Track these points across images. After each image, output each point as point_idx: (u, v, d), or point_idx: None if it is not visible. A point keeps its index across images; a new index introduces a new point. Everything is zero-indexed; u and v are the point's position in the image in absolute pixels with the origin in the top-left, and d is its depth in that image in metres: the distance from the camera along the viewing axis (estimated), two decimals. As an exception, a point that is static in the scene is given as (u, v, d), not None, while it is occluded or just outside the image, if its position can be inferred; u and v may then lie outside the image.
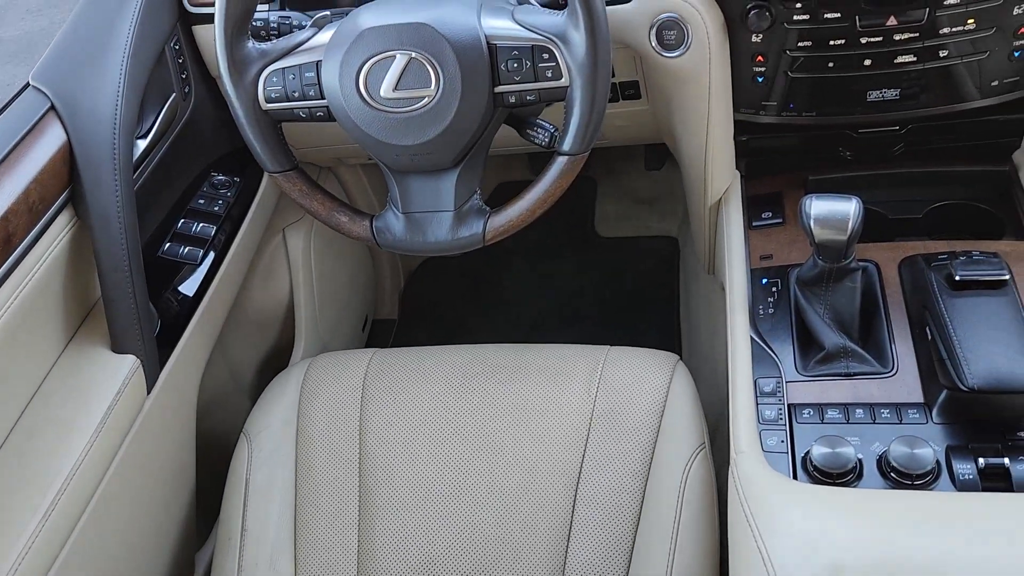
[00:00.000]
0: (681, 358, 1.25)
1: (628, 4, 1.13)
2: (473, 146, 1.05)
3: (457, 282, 2.16)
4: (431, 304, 2.15)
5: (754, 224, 1.27)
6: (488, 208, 1.10)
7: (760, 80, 1.18)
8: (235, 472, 1.23)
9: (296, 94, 1.06)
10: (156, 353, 1.19)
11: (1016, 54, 1.09)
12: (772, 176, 1.33)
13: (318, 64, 1.04)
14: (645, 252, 2.07)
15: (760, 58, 1.16)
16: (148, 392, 1.17)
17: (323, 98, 1.05)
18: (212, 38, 1.05)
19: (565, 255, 2.14)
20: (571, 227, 2.19)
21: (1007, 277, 0.98)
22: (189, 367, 1.30)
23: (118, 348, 1.14)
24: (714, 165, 1.28)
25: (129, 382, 1.12)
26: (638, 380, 1.16)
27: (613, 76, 1.29)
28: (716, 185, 1.31)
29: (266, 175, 1.25)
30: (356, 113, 1.02)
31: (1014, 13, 1.05)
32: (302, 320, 1.67)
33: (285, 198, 1.18)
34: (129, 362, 1.13)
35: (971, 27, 1.06)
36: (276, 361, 1.67)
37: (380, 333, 2.08)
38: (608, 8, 1.12)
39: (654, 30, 1.13)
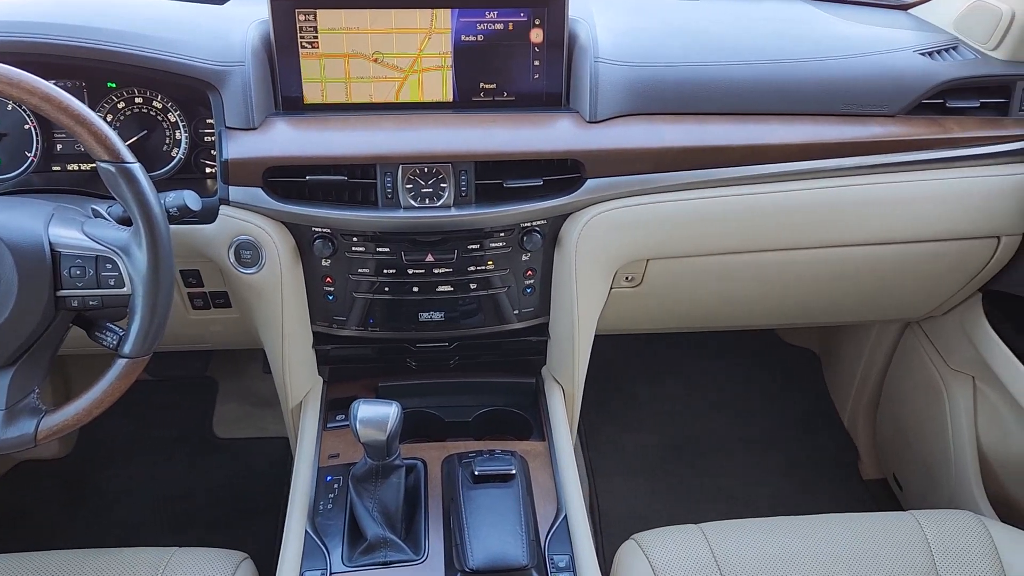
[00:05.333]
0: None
1: (210, 225, 1.25)
2: (31, 346, 1.07)
3: (52, 487, 2.01)
4: (19, 512, 1.96)
5: (328, 425, 1.39)
6: (44, 407, 1.10)
7: (331, 298, 1.35)
8: None
9: None
10: None
11: (528, 291, 1.37)
12: (352, 381, 1.48)
13: None
14: (260, 453, 2.09)
15: (329, 279, 1.33)
16: None
17: None
18: None
19: (177, 456, 2.09)
20: (187, 428, 2.16)
21: (513, 472, 1.18)
22: None
23: None
24: (291, 371, 1.39)
25: None
26: (196, 581, 1.17)
27: (203, 285, 1.39)
28: (295, 390, 1.42)
29: None
30: None
31: (522, 259, 1.33)
32: None
33: None
34: None
35: (491, 267, 1.33)
36: None
37: (-52, 547, 1.84)
38: (192, 227, 1.25)
39: (232, 249, 1.26)
